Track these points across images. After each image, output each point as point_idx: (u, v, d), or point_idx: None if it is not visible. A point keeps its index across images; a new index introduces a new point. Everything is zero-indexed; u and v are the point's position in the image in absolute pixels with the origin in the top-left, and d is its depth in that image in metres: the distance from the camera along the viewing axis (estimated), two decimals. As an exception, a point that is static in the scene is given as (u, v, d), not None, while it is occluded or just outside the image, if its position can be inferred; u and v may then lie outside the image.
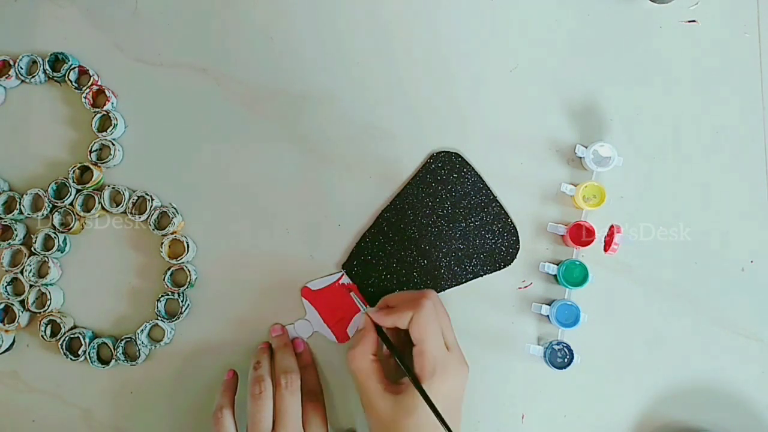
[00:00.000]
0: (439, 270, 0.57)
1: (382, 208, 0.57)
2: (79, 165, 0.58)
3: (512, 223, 0.57)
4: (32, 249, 0.57)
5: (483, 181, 0.57)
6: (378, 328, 0.52)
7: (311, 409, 0.53)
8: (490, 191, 0.57)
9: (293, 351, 0.56)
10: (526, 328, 0.57)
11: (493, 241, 0.57)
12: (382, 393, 0.49)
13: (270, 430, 0.50)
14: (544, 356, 0.55)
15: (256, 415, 0.50)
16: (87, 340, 0.56)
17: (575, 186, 0.56)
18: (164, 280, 0.56)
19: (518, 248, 0.57)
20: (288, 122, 0.58)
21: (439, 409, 0.46)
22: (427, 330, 0.49)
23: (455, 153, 0.57)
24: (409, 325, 0.50)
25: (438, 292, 0.56)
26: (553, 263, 0.56)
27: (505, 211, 0.57)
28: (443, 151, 0.57)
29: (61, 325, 0.56)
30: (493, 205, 0.57)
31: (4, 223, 0.57)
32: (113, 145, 0.58)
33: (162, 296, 0.57)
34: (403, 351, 0.51)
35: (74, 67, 0.58)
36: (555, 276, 0.56)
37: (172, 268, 0.57)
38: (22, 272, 0.57)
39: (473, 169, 0.57)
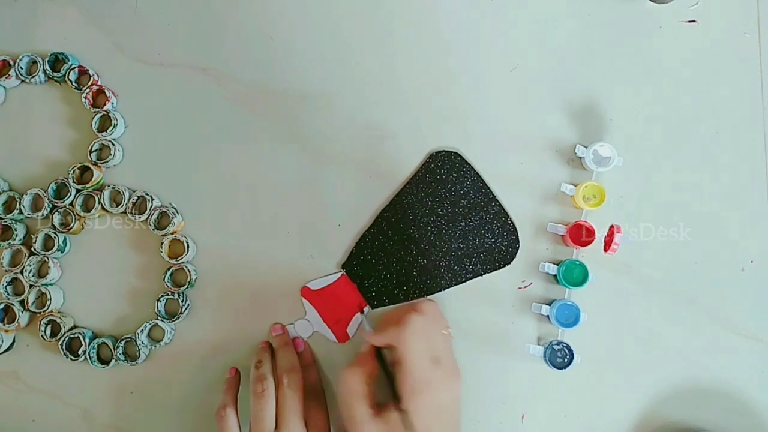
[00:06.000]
0: (439, 269, 0.57)
1: (382, 207, 0.57)
2: (79, 165, 0.58)
3: (512, 222, 0.57)
4: (32, 249, 0.57)
5: (482, 180, 0.57)
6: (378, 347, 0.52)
7: (313, 408, 0.53)
8: (490, 190, 0.57)
9: (294, 350, 0.56)
10: (526, 328, 0.57)
11: (492, 240, 0.57)
12: (371, 417, 0.48)
13: (273, 429, 0.50)
14: (544, 356, 0.55)
15: (259, 414, 0.50)
16: (87, 340, 0.56)
17: (575, 186, 0.56)
18: (164, 280, 0.56)
19: (518, 247, 0.57)
20: (288, 122, 0.59)
21: (429, 425, 0.47)
22: (409, 347, 0.48)
23: (455, 152, 0.57)
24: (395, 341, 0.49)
25: (438, 292, 0.56)
26: (553, 263, 0.56)
27: (505, 210, 0.57)
28: (443, 151, 0.57)
29: (61, 325, 0.56)
30: (493, 204, 0.57)
31: (4, 223, 0.57)
32: (113, 145, 0.58)
33: (162, 296, 0.57)
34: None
35: (74, 67, 0.58)
36: (555, 276, 0.56)
37: (172, 268, 0.57)
38: (22, 272, 0.57)
39: (472, 168, 0.57)
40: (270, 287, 0.57)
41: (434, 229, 0.57)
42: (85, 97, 0.58)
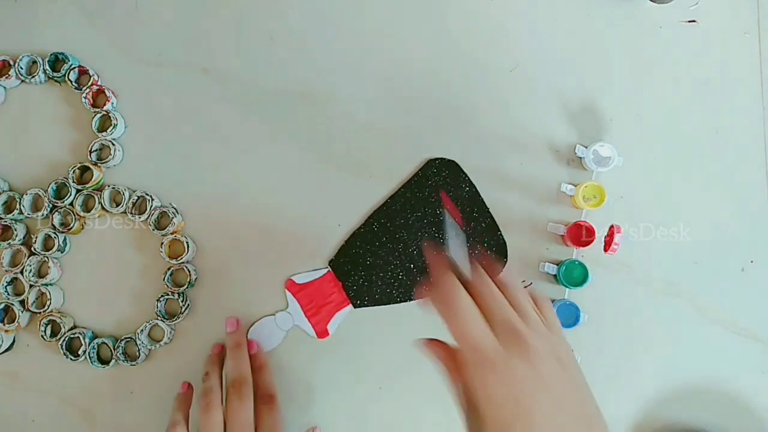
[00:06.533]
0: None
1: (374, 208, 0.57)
2: (79, 165, 0.58)
3: (502, 238, 0.56)
4: (32, 249, 0.57)
5: (478, 192, 0.57)
6: None
7: (265, 413, 0.51)
8: (484, 204, 0.57)
9: (246, 353, 0.54)
10: (526, 328, 0.56)
11: (481, 253, 0.56)
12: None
13: None
14: (544, 356, 0.55)
15: (206, 429, 0.49)
16: (87, 340, 0.56)
17: (575, 186, 0.56)
18: (164, 280, 0.56)
19: (506, 262, 0.56)
20: (288, 122, 0.59)
21: None
22: None
23: (452, 161, 0.57)
24: None
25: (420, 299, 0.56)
26: (553, 263, 0.56)
27: (497, 225, 0.57)
28: (440, 158, 0.57)
29: (61, 325, 0.56)
30: (486, 217, 0.57)
31: (4, 223, 0.57)
32: (113, 145, 0.58)
33: (162, 296, 0.57)
34: None
35: (74, 67, 0.58)
36: (555, 276, 0.56)
37: (172, 268, 0.57)
38: (22, 272, 0.57)
39: (469, 179, 0.57)
40: (270, 287, 0.57)
41: (424, 236, 0.57)
42: (85, 97, 0.58)
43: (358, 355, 0.57)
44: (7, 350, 0.57)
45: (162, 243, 0.57)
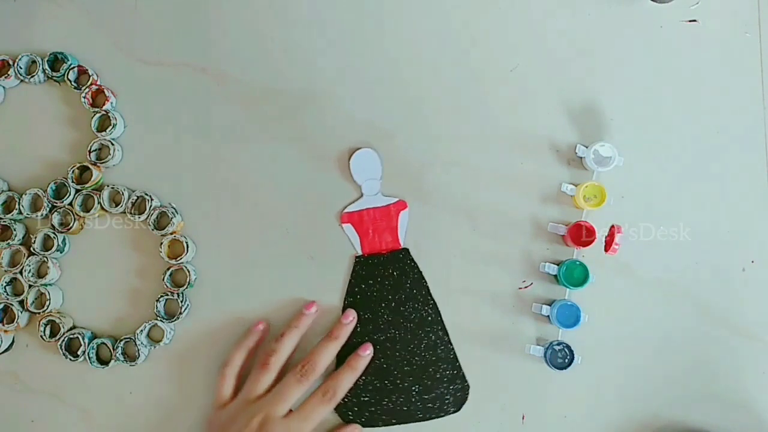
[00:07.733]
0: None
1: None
2: (78, 165, 0.57)
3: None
4: (31, 249, 0.57)
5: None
6: None
7: (318, 406, 0.53)
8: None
9: (335, 350, 0.55)
10: (526, 328, 0.57)
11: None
12: None
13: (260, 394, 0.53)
14: (545, 356, 0.55)
15: (252, 383, 0.53)
16: (86, 341, 0.56)
17: (576, 186, 0.56)
18: (164, 280, 0.56)
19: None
20: (288, 122, 0.58)
21: None
22: None
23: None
24: None
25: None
26: (554, 263, 0.56)
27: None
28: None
29: (61, 325, 0.56)
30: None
31: (4, 223, 0.57)
32: (112, 144, 0.57)
33: (161, 296, 0.57)
34: None
35: (73, 67, 0.58)
36: (555, 276, 0.56)
37: (171, 268, 0.56)
38: (21, 272, 0.57)
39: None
40: (269, 287, 0.57)
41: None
42: (85, 97, 0.58)
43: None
44: (6, 350, 0.57)
45: (161, 243, 0.57)
